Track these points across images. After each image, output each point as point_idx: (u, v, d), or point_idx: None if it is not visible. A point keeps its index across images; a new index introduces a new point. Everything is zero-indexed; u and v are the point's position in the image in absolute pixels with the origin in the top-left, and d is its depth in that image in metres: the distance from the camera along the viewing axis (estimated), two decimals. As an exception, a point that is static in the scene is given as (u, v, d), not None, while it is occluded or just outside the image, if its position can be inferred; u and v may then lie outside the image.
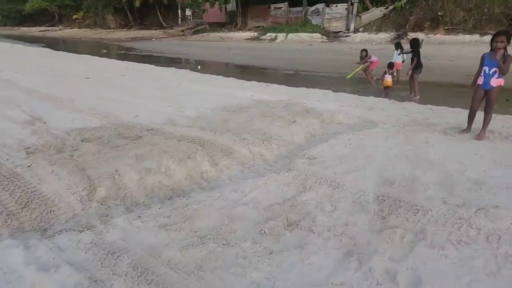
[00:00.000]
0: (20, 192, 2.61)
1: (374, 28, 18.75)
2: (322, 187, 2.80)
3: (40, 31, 40.32)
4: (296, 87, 7.28)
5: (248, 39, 23.86)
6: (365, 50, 8.43)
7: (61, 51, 16.35)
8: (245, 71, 12.76)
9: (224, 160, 3.40)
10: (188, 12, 35.89)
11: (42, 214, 2.46)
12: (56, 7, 42.02)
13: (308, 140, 4.13)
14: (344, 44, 17.79)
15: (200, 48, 20.78)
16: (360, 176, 2.98)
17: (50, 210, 2.51)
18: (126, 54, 18.86)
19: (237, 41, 23.52)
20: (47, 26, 42.65)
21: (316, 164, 3.26)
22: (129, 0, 33.56)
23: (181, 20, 36.18)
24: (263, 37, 23.34)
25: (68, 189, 2.71)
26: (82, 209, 2.59)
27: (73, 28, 40.83)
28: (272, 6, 25.49)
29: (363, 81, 8.52)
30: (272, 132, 4.09)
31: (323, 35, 19.87)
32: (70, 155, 3.22)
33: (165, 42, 26.39)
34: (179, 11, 35.69)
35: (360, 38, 17.94)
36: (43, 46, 21.47)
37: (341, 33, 19.58)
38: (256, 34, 24.33)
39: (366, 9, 19.85)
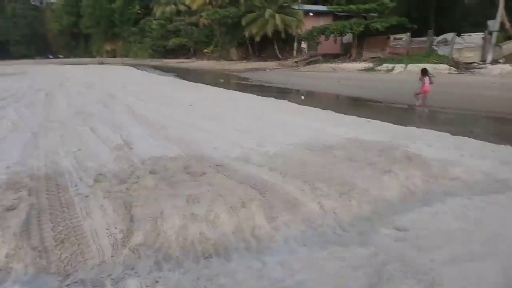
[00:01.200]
0: (62, 226, 2.52)
1: (519, 59, 15.52)
2: (407, 282, 1.92)
3: (177, 62, 46.88)
4: (404, 125, 6.16)
5: (362, 70, 22.74)
6: (424, 69, 8.67)
7: (185, 80, 18.31)
8: (349, 103, 11.86)
9: (284, 215, 2.78)
10: (303, 45, 36.91)
11: (72, 255, 2.28)
12: (193, 43, 48.51)
13: (404, 198, 3.17)
14: (478, 76, 15.10)
15: (309, 78, 20.67)
16: (474, 271, 1.98)
17: (81, 252, 2.31)
18: (238, 83, 20.02)
19: (350, 72, 22.66)
20: (183, 59, 49.41)
21: (406, 241, 2.36)
22: (251, 35, 36.36)
23: (296, 52, 37.35)
24: (379, 68, 21.89)
25: (106, 228, 2.51)
26: (112, 256, 2.32)
27: (203, 60, 46.25)
28: (392, 36, 23.93)
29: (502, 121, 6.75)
30: (356, 183, 3.30)
31: (451, 66, 17.40)
32: (127, 188, 3.10)
33: (277, 72, 27.26)
34: (295, 43, 36.94)
35: (500, 70, 15.02)
36: (174, 75, 24.63)
37: (474, 64, 16.79)
38: (371, 65, 23.04)
39: (507, 38, 16.68)
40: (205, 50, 45.56)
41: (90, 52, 67.71)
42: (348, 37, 28.55)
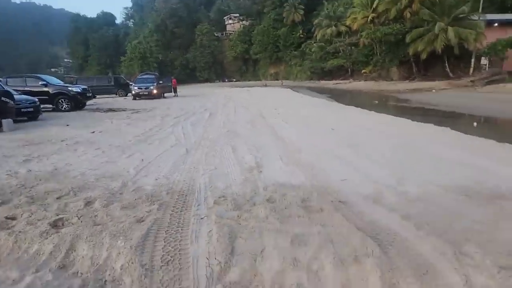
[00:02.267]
0: (172, 247, 2.65)
1: None
2: None
3: (334, 83, 47.13)
4: None
5: None
6: None
7: (336, 101, 18.09)
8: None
9: (409, 284, 2.14)
10: (483, 61, 31.03)
11: (171, 280, 2.32)
12: (351, 63, 47.99)
13: None
14: None
15: (488, 101, 17.04)
16: None
17: (179, 279, 2.34)
18: (394, 106, 18.33)
19: (552, 93, 17.53)
20: (340, 79, 49.37)
21: None
22: (416, 52, 33.11)
23: (474, 70, 31.62)
24: None
25: (207, 258, 2.50)
26: (205, 289, 2.27)
27: (360, 81, 44.99)
28: None
29: None
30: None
31: None
32: (238, 216, 3.07)
33: (446, 94, 23.71)
34: (472, 60, 31.37)
35: None
36: (327, 97, 24.78)
37: None
38: None
39: None
40: (363, 70, 44.23)
41: (257, 76, 76.24)
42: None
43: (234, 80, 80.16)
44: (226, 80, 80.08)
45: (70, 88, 16.40)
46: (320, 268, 2.32)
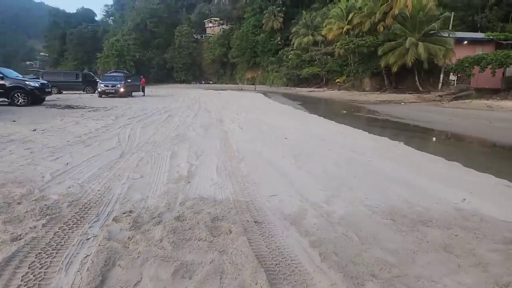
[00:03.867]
0: (35, 275, 2.23)
1: None
2: None
3: (308, 91, 47.47)
4: None
5: (530, 110, 17.99)
6: None
7: (305, 110, 17.99)
8: (494, 154, 9.11)
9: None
10: (452, 77, 32.14)
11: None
12: (326, 72, 48.55)
13: None
14: None
15: (451, 117, 17.45)
16: None
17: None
18: (361, 116, 18.47)
19: (510, 112, 18.18)
20: (314, 87, 49.82)
21: None
22: (387, 65, 33.86)
23: (442, 85, 32.65)
24: (554, 108, 16.87)
25: (68, 289, 2.10)
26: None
27: (333, 90, 45.56)
28: None
29: None
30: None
31: None
32: (129, 238, 2.68)
33: (413, 107, 24.22)
34: (441, 75, 32.39)
35: None
36: (298, 104, 24.75)
37: None
38: (542, 104, 17.99)
39: None
40: (337, 80, 44.89)
41: (234, 79, 75.93)
42: (512, 70, 23.31)
43: (211, 82, 79.46)
44: (203, 82, 79.24)
45: (27, 82, 15.45)
46: (197, 307, 1.98)
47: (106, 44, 73.86)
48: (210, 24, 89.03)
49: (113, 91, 22.95)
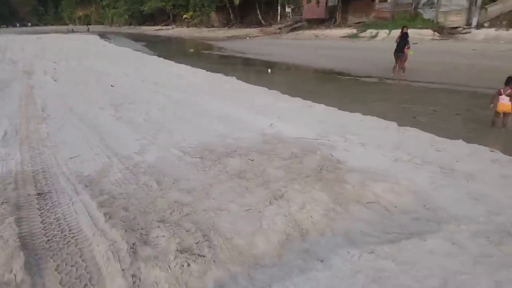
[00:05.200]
0: None
1: (504, 23, 14.04)
2: None
3: (155, 30, 44.00)
4: (353, 110, 4.88)
5: (344, 37, 21.09)
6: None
7: (143, 51, 16.55)
8: (312, 78, 10.48)
9: None
10: (288, 9, 34.44)
11: None
12: (172, 7, 45.25)
13: (282, 250, 1.97)
14: (461, 42, 13.71)
15: (287, 48, 19.05)
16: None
17: None
18: (209, 54, 18.31)
19: (332, 40, 20.98)
20: (162, 25, 46.40)
21: None
22: (229, -3, 33.73)
23: (280, 18, 34.87)
24: (362, 34, 20.25)
25: None
26: None
27: (182, 28, 43.43)
28: (377, -1, 22.01)
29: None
30: (219, 224, 2.12)
31: (435, 31, 15.86)
32: None
33: (257, 41, 25.39)
34: (279, 7, 34.40)
35: (484, 35, 13.72)
36: (141, 45, 22.69)
37: (459, 29, 15.27)
38: (354, 31, 21.33)
39: (492, 0, 15.09)
40: (184, 16, 42.66)
41: (61, 19, 63.24)
42: (333, 0, 26.36)
43: (30, 24, 63.77)
44: (18, 24, 62.69)
45: None
46: None
47: None
48: None
49: None
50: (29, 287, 1.68)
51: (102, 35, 31.12)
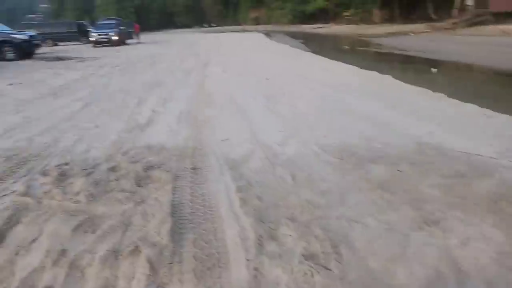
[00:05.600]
0: None
1: None
2: None
3: (314, 28, 44.90)
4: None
5: (548, 33, 16.57)
6: None
7: (300, 48, 17.04)
8: (496, 82, 8.51)
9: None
10: (469, 1, 29.38)
11: None
12: (333, 6, 45.38)
13: None
14: None
15: (461, 45, 16.34)
16: None
17: None
18: (362, 51, 17.49)
19: (526, 37, 16.84)
20: (321, 24, 47.03)
21: None
22: (398, -8, 31.26)
23: (459, 11, 30.06)
24: None
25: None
26: None
27: (341, 25, 42.89)
28: None
29: None
30: (352, 237, 1.88)
31: None
32: (45, 192, 2.55)
33: (422, 38, 22.80)
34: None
35: None
36: (300, 42, 23.51)
37: None
38: None
39: None
40: (344, 13, 42.07)
41: (237, 21, 71.98)
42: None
43: (214, 25, 75.54)
44: (205, 26, 75.45)
45: (14, 36, 14.94)
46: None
47: (105, -9, 70.30)
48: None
49: (106, 39, 22.12)
50: (170, 253, 1.84)
51: (267, 34, 33.72)
